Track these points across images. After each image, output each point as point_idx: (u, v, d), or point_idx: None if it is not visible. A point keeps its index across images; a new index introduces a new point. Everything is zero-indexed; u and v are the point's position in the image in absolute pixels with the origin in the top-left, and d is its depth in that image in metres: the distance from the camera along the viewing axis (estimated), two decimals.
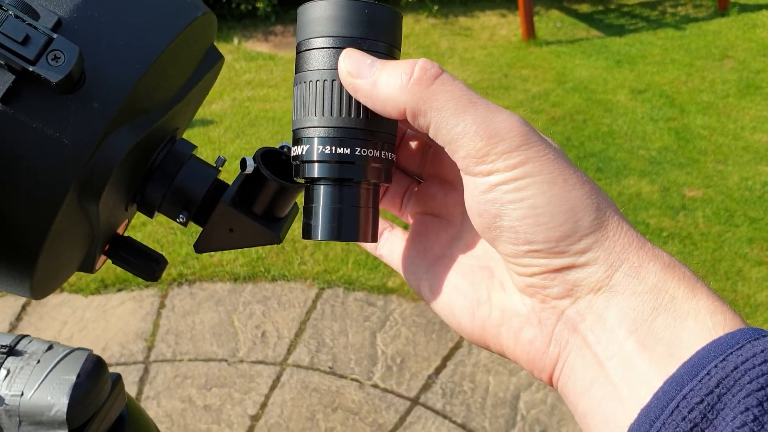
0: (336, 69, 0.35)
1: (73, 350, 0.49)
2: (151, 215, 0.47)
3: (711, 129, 3.37)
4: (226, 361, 2.01)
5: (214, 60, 0.49)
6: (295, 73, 0.37)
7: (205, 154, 3.18)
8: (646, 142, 3.24)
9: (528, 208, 0.32)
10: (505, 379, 1.93)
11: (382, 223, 0.44)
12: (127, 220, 0.51)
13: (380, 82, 0.34)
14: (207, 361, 2.01)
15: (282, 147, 0.48)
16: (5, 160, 0.36)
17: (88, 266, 0.48)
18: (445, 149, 0.34)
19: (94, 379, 0.48)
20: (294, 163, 0.38)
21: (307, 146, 0.36)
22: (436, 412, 1.84)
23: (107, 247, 0.49)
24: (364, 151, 0.36)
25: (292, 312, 2.19)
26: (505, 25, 4.94)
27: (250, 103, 3.78)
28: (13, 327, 2.11)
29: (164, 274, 2.33)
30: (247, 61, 4.42)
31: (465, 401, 1.87)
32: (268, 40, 4.78)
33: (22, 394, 0.46)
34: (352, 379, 1.94)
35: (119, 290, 2.27)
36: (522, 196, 0.32)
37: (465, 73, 4.15)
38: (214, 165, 0.48)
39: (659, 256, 0.32)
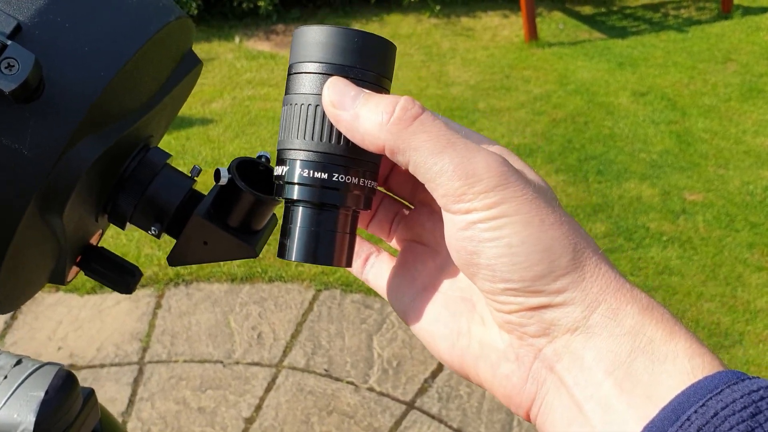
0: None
1: (42, 365, 0.47)
2: (122, 226, 0.46)
3: (712, 133, 3.35)
4: (221, 362, 2.00)
5: (191, 65, 0.48)
6: (285, 95, 0.38)
7: (204, 153, 3.17)
8: (647, 145, 3.22)
9: (504, 246, 0.33)
10: None
11: (369, 248, 0.45)
12: (100, 231, 0.49)
13: (361, 117, 0.35)
14: (202, 363, 1.99)
15: (260, 157, 0.46)
16: None
17: (59, 278, 0.47)
18: (425, 186, 0.35)
19: (64, 395, 0.46)
20: (276, 182, 0.38)
21: (289, 168, 0.36)
22: (432, 417, 1.83)
23: (79, 258, 0.48)
24: (345, 178, 0.36)
25: (288, 313, 2.17)
26: (508, 26, 4.92)
27: (250, 102, 3.76)
28: (7, 326, 2.10)
29: (161, 274, 2.32)
30: (248, 60, 4.41)
31: (461, 406, 1.85)
32: (270, 39, 4.77)
33: None
34: (347, 382, 1.93)
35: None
36: (498, 235, 0.33)
37: (466, 74, 4.13)
38: (190, 175, 0.46)
39: (637, 298, 0.32)
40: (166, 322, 2.13)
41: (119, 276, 0.48)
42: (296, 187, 0.36)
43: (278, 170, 0.37)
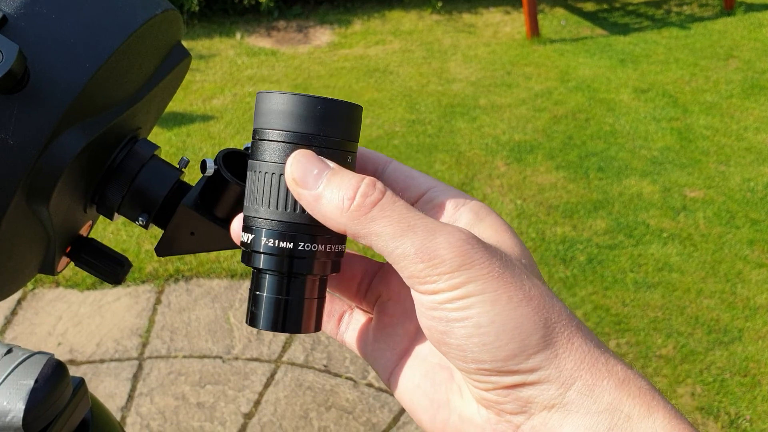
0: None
1: (33, 354, 0.48)
2: (110, 217, 0.46)
3: (714, 129, 3.34)
4: (220, 358, 2.00)
5: (179, 58, 0.48)
6: (249, 159, 0.37)
7: (205, 149, 3.17)
8: (648, 142, 3.22)
9: (473, 327, 0.32)
10: None
11: (341, 306, 0.43)
12: (90, 222, 0.50)
13: (323, 199, 0.34)
14: (201, 358, 2.00)
15: (246, 148, 0.47)
16: None
17: (49, 269, 0.47)
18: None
19: (54, 383, 0.47)
20: (242, 249, 0.37)
21: (254, 236, 0.36)
22: None
23: (69, 249, 0.48)
24: (311, 246, 0.36)
25: None
26: (509, 23, 4.92)
27: (251, 99, 3.76)
28: (7, 321, 2.11)
29: (161, 270, 2.33)
30: (249, 57, 4.41)
31: None
32: (271, 35, 4.77)
33: None
34: (346, 378, 1.93)
35: (115, 285, 2.26)
36: (466, 315, 0.32)
37: (468, 71, 4.13)
38: (177, 166, 0.47)
39: (613, 372, 0.32)
40: (165, 318, 2.14)
41: (109, 266, 0.49)
42: (262, 256, 0.36)
43: (244, 237, 0.37)
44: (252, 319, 0.37)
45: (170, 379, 1.93)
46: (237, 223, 0.39)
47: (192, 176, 0.54)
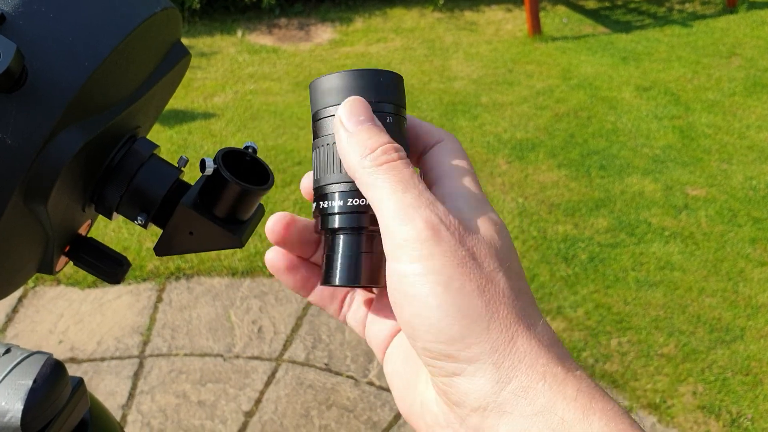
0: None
1: (31, 354, 0.47)
2: (109, 216, 0.46)
3: (716, 128, 3.33)
4: (221, 356, 2.00)
5: (179, 56, 0.47)
6: (313, 140, 0.40)
7: (206, 147, 3.17)
8: (650, 140, 3.21)
9: (422, 306, 0.33)
10: None
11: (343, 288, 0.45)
12: (89, 221, 0.50)
13: (352, 139, 0.37)
14: (202, 356, 2.00)
15: (247, 147, 0.46)
16: None
17: (47, 268, 0.47)
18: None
19: (52, 383, 0.46)
20: (317, 218, 0.40)
21: (328, 200, 0.39)
22: None
23: (67, 248, 0.48)
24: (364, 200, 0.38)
25: (289, 307, 2.17)
26: (511, 20, 4.91)
27: (252, 97, 3.76)
28: (9, 319, 2.11)
29: (162, 268, 2.32)
30: (250, 54, 4.40)
31: None
32: (272, 33, 4.76)
33: None
34: (347, 376, 1.93)
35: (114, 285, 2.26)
36: (418, 292, 0.33)
37: (469, 68, 4.12)
38: (177, 165, 0.46)
39: (552, 374, 0.32)
40: (166, 316, 2.14)
41: (108, 266, 0.48)
42: (336, 216, 0.38)
43: (319, 205, 0.39)
44: (327, 278, 0.38)
45: (171, 377, 1.93)
46: (306, 180, 0.42)
47: (192, 175, 0.54)
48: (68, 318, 2.13)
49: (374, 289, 0.43)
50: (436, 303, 0.32)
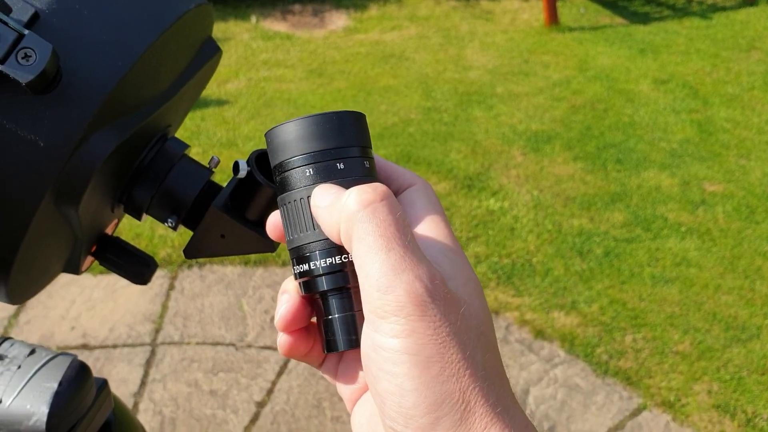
0: (314, 185, 0.36)
1: (56, 355, 0.46)
2: (138, 217, 0.44)
3: (734, 122, 3.29)
4: (233, 345, 2.00)
5: (211, 53, 0.46)
6: (278, 197, 0.38)
7: (219, 134, 3.16)
8: (667, 134, 3.18)
9: (396, 386, 0.31)
10: (515, 374, 1.90)
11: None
12: (116, 221, 0.48)
13: (334, 202, 0.34)
14: (215, 345, 2.00)
15: None
16: None
17: (73, 268, 0.46)
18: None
19: (77, 386, 0.45)
20: (302, 280, 0.38)
21: (310, 262, 0.37)
22: None
23: (94, 248, 0.47)
24: (343, 258, 0.36)
25: None
26: (528, 10, 4.86)
27: (265, 84, 3.74)
28: (21, 305, 2.11)
29: (174, 256, 2.32)
30: (264, 41, 4.38)
31: None
32: (286, 19, 4.73)
33: (0, 401, 0.44)
34: None
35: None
36: (394, 371, 0.31)
37: (485, 58, 4.09)
38: (207, 166, 0.45)
39: None
40: (178, 304, 2.14)
41: (134, 266, 0.47)
42: (324, 278, 0.36)
43: (299, 269, 0.37)
44: (332, 345, 0.37)
45: (183, 365, 1.93)
46: (273, 218, 0.39)
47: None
48: (80, 304, 2.13)
49: None
50: (412, 387, 0.30)
